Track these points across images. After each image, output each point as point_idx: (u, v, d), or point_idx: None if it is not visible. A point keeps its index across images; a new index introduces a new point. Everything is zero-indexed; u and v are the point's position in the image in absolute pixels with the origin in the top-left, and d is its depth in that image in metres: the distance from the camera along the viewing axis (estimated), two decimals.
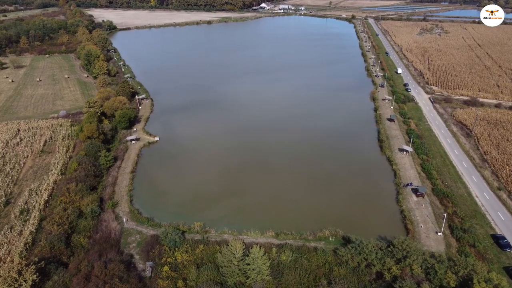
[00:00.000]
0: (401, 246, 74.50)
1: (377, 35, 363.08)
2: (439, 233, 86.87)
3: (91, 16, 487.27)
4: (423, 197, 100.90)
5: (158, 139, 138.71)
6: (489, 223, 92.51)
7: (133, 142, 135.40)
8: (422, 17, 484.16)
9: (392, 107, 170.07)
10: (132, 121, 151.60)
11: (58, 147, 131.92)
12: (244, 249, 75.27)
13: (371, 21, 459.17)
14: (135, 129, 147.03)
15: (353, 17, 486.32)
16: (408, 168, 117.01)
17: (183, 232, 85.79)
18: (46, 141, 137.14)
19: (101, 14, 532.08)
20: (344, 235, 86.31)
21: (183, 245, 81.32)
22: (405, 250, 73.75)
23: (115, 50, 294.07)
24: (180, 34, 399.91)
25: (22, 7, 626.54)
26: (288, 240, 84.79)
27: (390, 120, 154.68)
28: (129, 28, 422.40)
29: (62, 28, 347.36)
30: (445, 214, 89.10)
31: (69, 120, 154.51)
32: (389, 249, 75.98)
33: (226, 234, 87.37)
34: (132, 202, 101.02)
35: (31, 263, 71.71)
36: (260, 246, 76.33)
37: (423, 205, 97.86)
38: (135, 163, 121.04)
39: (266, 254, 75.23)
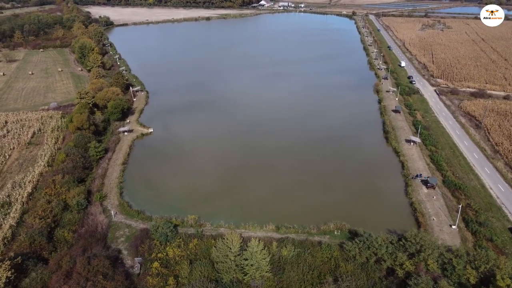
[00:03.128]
0: (414, 240, 67.77)
1: (378, 30, 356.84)
2: (453, 226, 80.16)
3: (88, 12, 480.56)
4: (434, 188, 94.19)
5: (152, 130, 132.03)
6: (506, 216, 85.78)
7: (125, 133, 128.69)
8: (424, 14, 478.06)
9: (397, 99, 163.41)
10: (125, 113, 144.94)
11: (47, 138, 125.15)
12: (241, 243, 68.54)
13: (372, 17, 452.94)
14: (128, 121, 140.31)
15: (354, 13, 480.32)
16: (417, 160, 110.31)
17: (175, 226, 79.04)
18: (34, 133, 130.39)
19: (98, 11, 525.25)
20: (350, 228, 79.66)
21: (175, 240, 74.64)
22: (418, 244, 67.01)
23: (111, 44, 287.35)
24: (178, 30, 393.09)
25: (19, 5, 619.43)
26: (290, 234, 78.07)
27: (396, 111, 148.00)
28: (126, 24, 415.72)
29: (57, 23, 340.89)
30: (460, 206, 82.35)
31: (60, 112, 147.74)
32: (401, 242, 69.22)
33: (222, 227, 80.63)
34: (122, 194, 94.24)
35: (6, 259, 64.92)
36: (259, 240, 69.59)
37: (435, 197, 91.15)
38: (127, 155, 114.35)
39: (266, 248, 68.49)
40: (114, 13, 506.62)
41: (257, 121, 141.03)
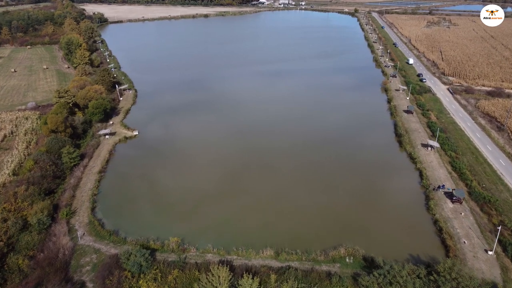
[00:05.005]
0: (449, 274, 53.98)
1: (382, 27, 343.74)
2: (489, 252, 66.25)
3: (83, 10, 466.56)
4: (460, 203, 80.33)
5: (137, 133, 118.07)
6: None
7: (107, 136, 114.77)
8: (428, 11, 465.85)
9: (408, 98, 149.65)
10: (109, 114, 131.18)
11: (18, 142, 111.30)
12: (231, 278, 54.72)
13: (374, 14, 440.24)
14: (111, 122, 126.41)
15: (356, 11, 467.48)
16: (436, 167, 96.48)
17: (152, 252, 65.12)
18: (5, 136, 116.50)
19: (94, 9, 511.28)
20: (365, 254, 65.72)
21: (152, 270, 60.78)
22: (455, 280, 53.27)
23: (102, 41, 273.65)
24: (174, 27, 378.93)
25: (13, 2, 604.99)
26: (292, 262, 64.14)
27: (408, 112, 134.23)
28: (121, 21, 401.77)
29: (48, 19, 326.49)
30: (499, 229, 68.26)
31: (37, 113, 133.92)
32: (432, 277, 55.42)
33: (210, 253, 66.68)
34: (94, 210, 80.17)
35: None
36: (254, 274, 55.78)
37: (463, 213, 77.33)
38: (106, 162, 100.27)
39: (262, 286, 54.61)
40: (110, 11, 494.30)
41: (255, 124, 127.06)
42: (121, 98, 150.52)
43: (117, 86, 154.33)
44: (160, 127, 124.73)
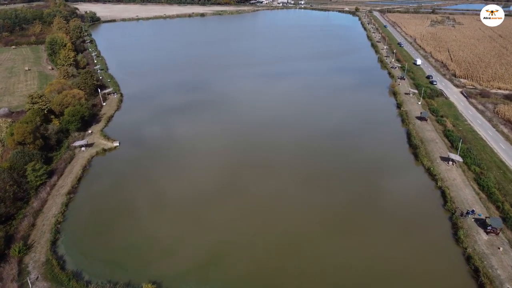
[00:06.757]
0: None
1: (385, 26, 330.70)
2: None
3: (76, 8, 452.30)
4: (497, 234, 67.03)
5: (117, 144, 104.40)
6: None
7: (83, 148, 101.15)
8: (430, 10, 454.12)
9: (419, 103, 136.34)
10: (88, 121, 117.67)
11: None
12: None
13: (376, 14, 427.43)
14: (90, 131, 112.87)
15: (357, 9, 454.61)
16: (461, 186, 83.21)
17: None
18: None
19: (88, 8, 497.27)
20: None
21: None
22: None
23: (91, 41, 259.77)
24: (169, 26, 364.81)
25: (5, 1, 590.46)
26: None
27: (421, 118, 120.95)
28: (114, 20, 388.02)
29: (37, 18, 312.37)
30: None
31: (9, 120, 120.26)
32: None
33: None
34: (56, 243, 66.48)
35: None
36: None
37: (501, 248, 64.00)
38: (77, 180, 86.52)
39: None
40: (104, 10, 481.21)
41: (250, 137, 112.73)
42: (104, 103, 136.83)
43: (99, 90, 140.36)
44: (144, 137, 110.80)
